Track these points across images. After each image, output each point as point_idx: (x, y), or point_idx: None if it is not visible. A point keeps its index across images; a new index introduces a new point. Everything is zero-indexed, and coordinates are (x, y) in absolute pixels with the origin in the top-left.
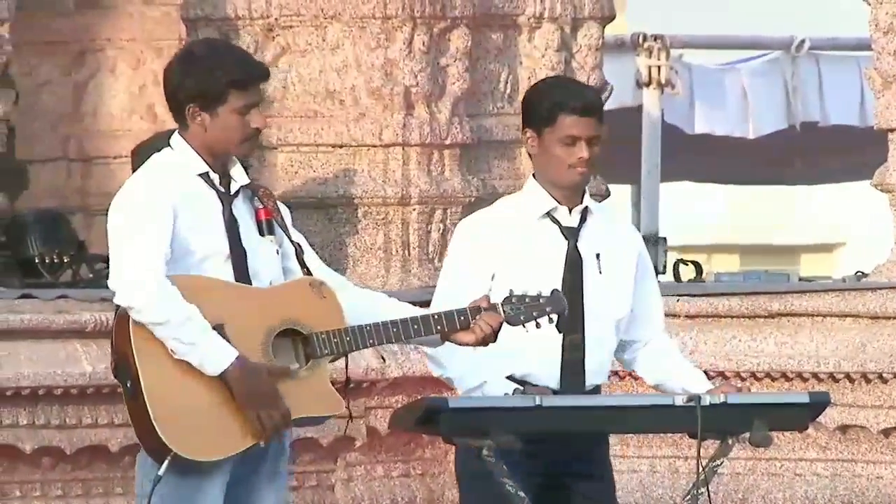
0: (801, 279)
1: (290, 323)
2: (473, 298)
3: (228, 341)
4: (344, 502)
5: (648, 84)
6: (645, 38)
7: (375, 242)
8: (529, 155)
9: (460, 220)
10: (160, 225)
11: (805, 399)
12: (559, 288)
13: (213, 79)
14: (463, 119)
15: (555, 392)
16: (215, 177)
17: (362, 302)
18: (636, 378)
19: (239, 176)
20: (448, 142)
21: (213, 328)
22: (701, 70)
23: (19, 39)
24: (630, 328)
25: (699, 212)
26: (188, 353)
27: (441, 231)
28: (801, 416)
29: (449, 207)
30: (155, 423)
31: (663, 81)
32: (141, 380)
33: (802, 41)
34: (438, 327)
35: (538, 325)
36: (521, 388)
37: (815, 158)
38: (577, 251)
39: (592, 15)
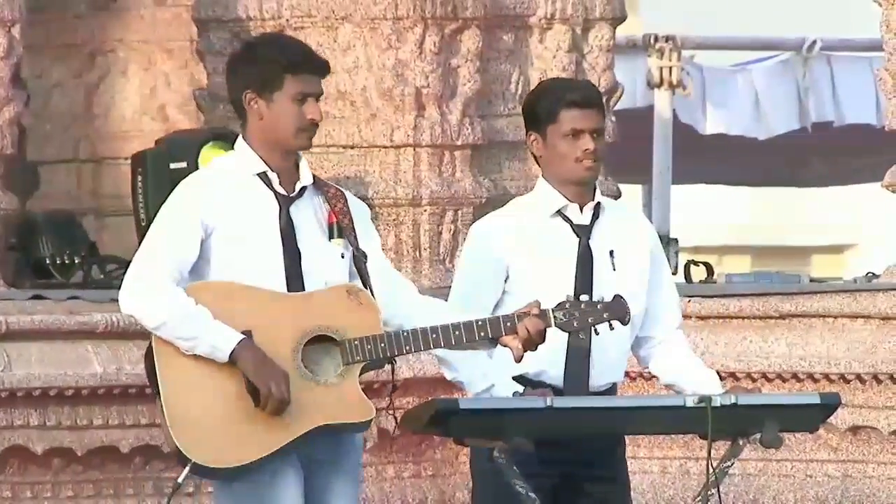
0: (812, 280)
1: (324, 330)
2: (487, 301)
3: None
4: None
5: (660, 85)
6: (656, 39)
7: (386, 244)
8: (536, 159)
9: (472, 221)
10: (176, 234)
11: (816, 400)
12: (573, 287)
13: (270, 61)
14: (474, 120)
15: (558, 391)
16: (273, 176)
17: (421, 310)
18: (647, 379)
19: (304, 175)
20: (459, 143)
21: (241, 334)
22: (712, 71)
23: (31, 41)
24: (645, 325)
25: (710, 213)
26: (195, 347)
27: (452, 232)
28: (812, 417)
29: (460, 208)
30: (171, 431)
31: (674, 82)
32: (160, 386)
33: (814, 42)
34: (482, 333)
35: (597, 332)
36: (520, 391)
37: (826, 159)
38: (589, 248)
39: (604, 16)
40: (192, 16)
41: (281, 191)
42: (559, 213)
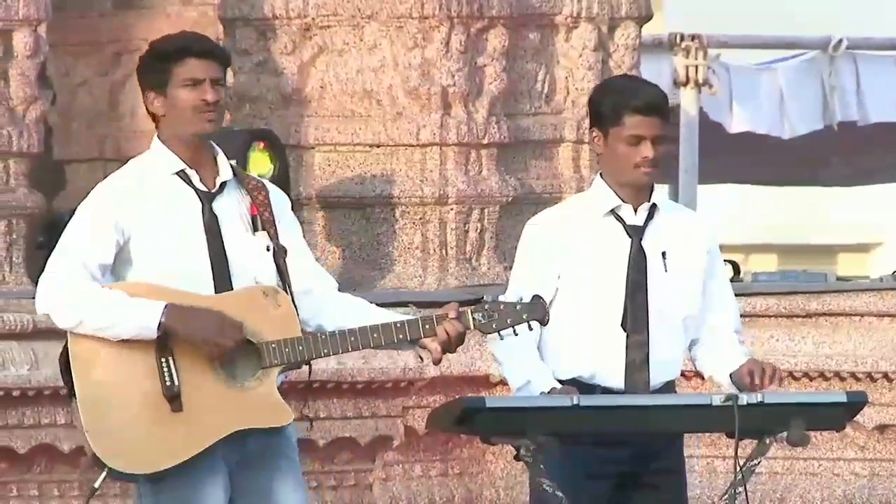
0: (838, 279)
1: None
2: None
3: (172, 352)
4: (382, 502)
5: (686, 84)
6: (682, 38)
7: (413, 242)
8: (598, 154)
9: (498, 219)
10: (90, 236)
11: (843, 398)
12: (625, 287)
13: (157, 57)
14: (500, 119)
15: (618, 392)
16: (192, 173)
17: (347, 311)
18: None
19: (223, 170)
20: (485, 141)
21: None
22: (738, 70)
23: (56, 40)
24: (699, 327)
25: (736, 212)
26: (120, 333)
27: (478, 231)
28: (838, 415)
29: (486, 207)
30: (88, 437)
31: (700, 81)
32: (76, 390)
33: (840, 41)
34: (401, 335)
35: (515, 333)
36: (546, 390)
37: (852, 158)
38: (642, 249)
39: (629, 14)
40: (218, 15)
41: (201, 187)
42: (612, 212)
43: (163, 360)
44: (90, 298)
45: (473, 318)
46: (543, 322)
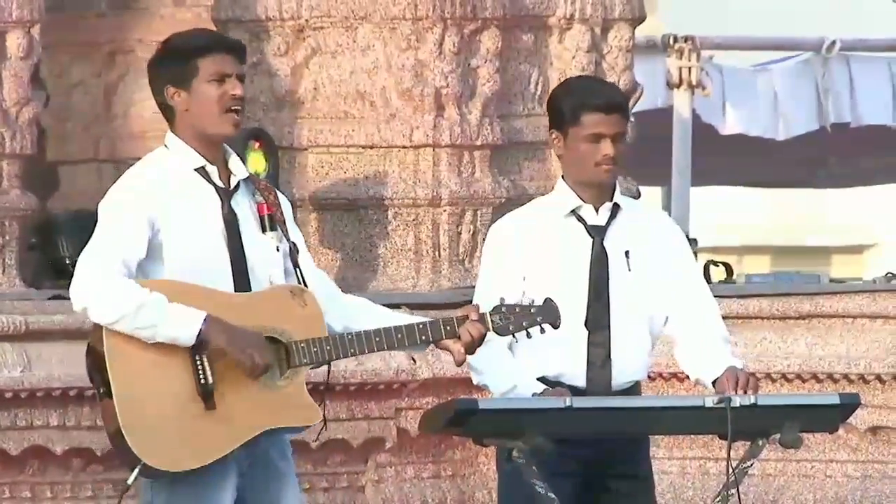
0: (831, 280)
1: (269, 331)
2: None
3: (206, 351)
4: (374, 503)
5: (679, 85)
6: (675, 40)
7: (406, 244)
8: (558, 156)
9: (491, 221)
10: (124, 229)
11: (835, 400)
12: (587, 287)
13: (181, 50)
14: (493, 120)
15: (581, 391)
16: (212, 170)
17: (354, 310)
18: (666, 379)
19: (237, 169)
20: (478, 143)
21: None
22: (731, 71)
23: (50, 41)
24: (671, 324)
25: (730, 213)
26: (156, 336)
27: (471, 232)
28: (831, 417)
29: (479, 208)
30: (123, 431)
31: (694, 83)
32: (112, 386)
33: (833, 42)
34: (423, 337)
35: (529, 335)
36: (539, 391)
37: (845, 160)
38: (604, 249)
39: (623, 16)
40: (211, 16)
41: (220, 184)
42: (573, 213)
43: (197, 357)
44: (130, 297)
45: (492, 320)
46: (556, 325)
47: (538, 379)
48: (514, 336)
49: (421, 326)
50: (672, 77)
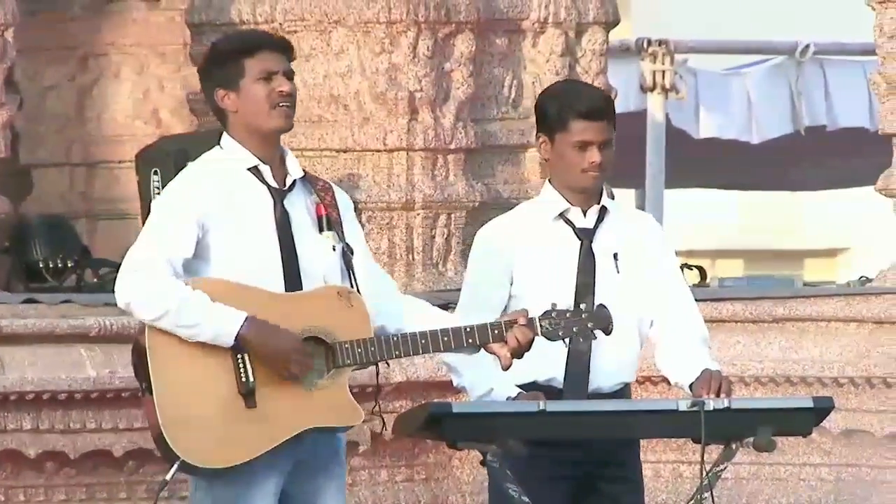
0: (805, 284)
1: (314, 331)
2: (493, 306)
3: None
4: None
5: (653, 89)
6: (649, 43)
7: (380, 247)
8: (545, 160)
9: (465, 225)
10: (172, 228)
11: (809, 404)
12: (574, 289)
13: (227, 52)
14: (467, 124)
15: (559, 392)
16: (265, 169)
17: (404, 312)
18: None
19: (293, 168)
20: (452, 146)
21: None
22: (705, 75)
23: (24, 44)
24: (655, 327)
25: (703, 217)
26: (197, 335)
27: (445, 236)
28: (805, 420)
29: (453, 212)
30: (163, 428)
31: (668, 86)
32: (152, 383)
33: (807, 46)
34: (470, 340)
35: (581, 340)
36: (514, 395)
37: (820, 163)
38: (591, 251)
39: (597, 20)
40: (185, 19)
41: (274, 184)
42: (561, 216)
43: (238, 356)
44: (174, 296)
45: (541, 325)
46: (608, 331)
47: (526, 385)
48: (564, 342)
49: (468, 330)
50: (646, 81)
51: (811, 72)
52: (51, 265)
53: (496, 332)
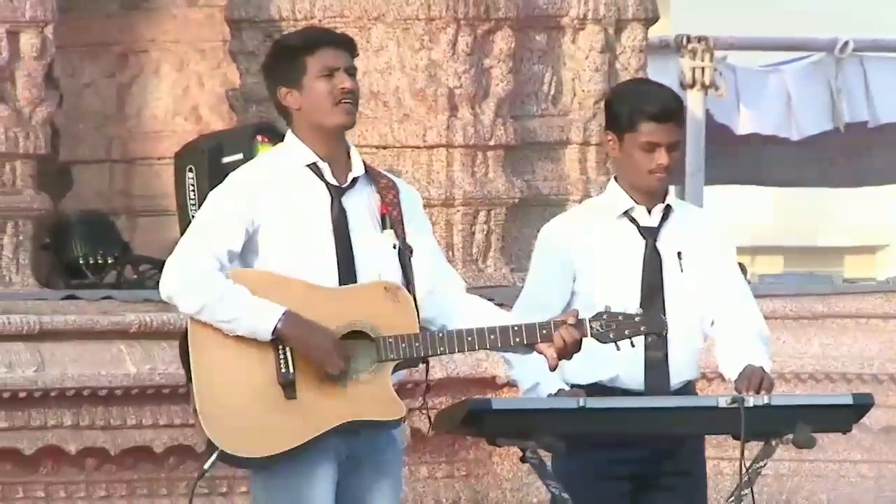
0: (844, 281)
1: (359, 325)
2: (555, 301)
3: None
4: None
5: (692, 86)
6: (689, 40)
7: None
8: (612, 158)
9: (504, 221)
10: (221, 223)
11: (849, 400)
12: (640, 288)
13: (289, 50)
14: (507, 120)
15: (638, 393)
16: (324, 166)
17: (456, 309)
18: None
19: (356, 165)
20: (492, 143)
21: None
22: (745, 72)
23: (63, 41)
24: (718, 327)
25: (743, 213)
26: (236, 328)
27: (485, 233)
28: (845, 417)
29: (493, 209)
30: (200, 418)
31: (707, 83)
32: (193, 373)
33: (846, 43)
34: (517, 339)
35: (633, 345)
36: (555, 392)
37: (859, 160)
38: (656, 250)
39: (636, 16)
40: (224, 16)
41: (332, 181)
42: (626, 214)
43: (280, 348)
44: (214, 289)
45: (591, 327)
46: (661, 335)
47: (592, 385)
48: (616, 344)
49: (516, 329)
50: (685, 77)
51: (851, 68)
52: (91, 262)
53: (544, 332)
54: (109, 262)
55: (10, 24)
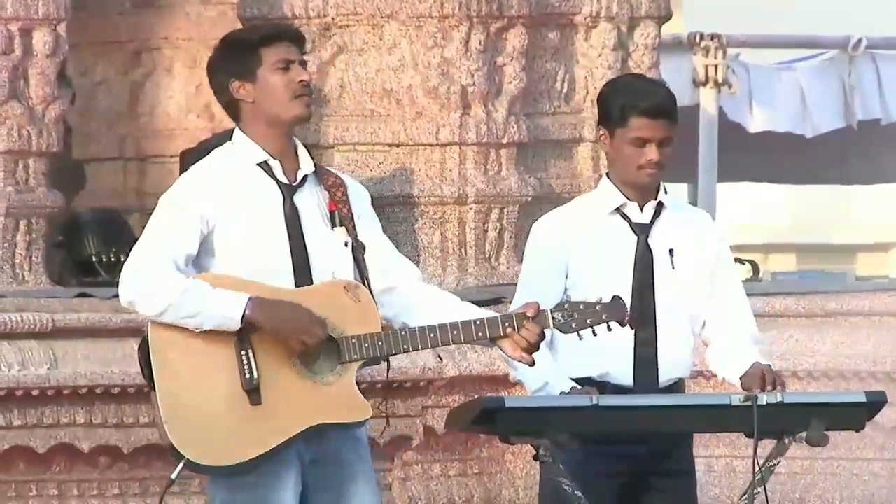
0: (857, 279)
1: None
2: (549, 298)
3: (252, 345)
4: (401, 501)
5: (705, 83)
6: (702, 38)
7: (432, 242)
8: (606, 154)
9: (517, 219)
10: (175, 226)
11: (862, 398)
12: (632, 285)
13: (242, 43)
14: (520, 118)
15: (627, 389)
16: (275, 164)
17: (415, 305)
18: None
19: (305, 163)
20: (505, 141)
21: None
22: (758, 69)
23: (76, 39)
24: (707, 327)
25: (756, 211)
26: (203, 323)
27: (498, 230)
28: (858, 415)
29: (506, 206)
30: (166, 427)
31: (720, 81)
32: (155, 381)
33: (859, 40)
34: (480, 334)
35: (595, 333)
36: (567, 390)
37: (872, 157)
38: (648, 247)
39: (649, 14)
40: (237, 14)
41: (283, 179)
42: (618, 210)
43: (242, 352)
44: (175, 288)
45: (553, 318)
46: (623, 323)
47: (583, 380)
48: (578, 334)
49: (478, 323)
50: (698, 75)
51: (863, 66)
52: (104, 259)
53: (507, 325)
54: (122, 259)
55: (24, 22)
